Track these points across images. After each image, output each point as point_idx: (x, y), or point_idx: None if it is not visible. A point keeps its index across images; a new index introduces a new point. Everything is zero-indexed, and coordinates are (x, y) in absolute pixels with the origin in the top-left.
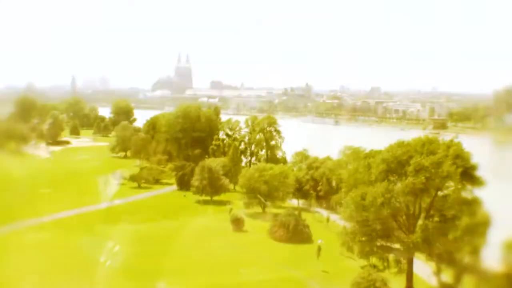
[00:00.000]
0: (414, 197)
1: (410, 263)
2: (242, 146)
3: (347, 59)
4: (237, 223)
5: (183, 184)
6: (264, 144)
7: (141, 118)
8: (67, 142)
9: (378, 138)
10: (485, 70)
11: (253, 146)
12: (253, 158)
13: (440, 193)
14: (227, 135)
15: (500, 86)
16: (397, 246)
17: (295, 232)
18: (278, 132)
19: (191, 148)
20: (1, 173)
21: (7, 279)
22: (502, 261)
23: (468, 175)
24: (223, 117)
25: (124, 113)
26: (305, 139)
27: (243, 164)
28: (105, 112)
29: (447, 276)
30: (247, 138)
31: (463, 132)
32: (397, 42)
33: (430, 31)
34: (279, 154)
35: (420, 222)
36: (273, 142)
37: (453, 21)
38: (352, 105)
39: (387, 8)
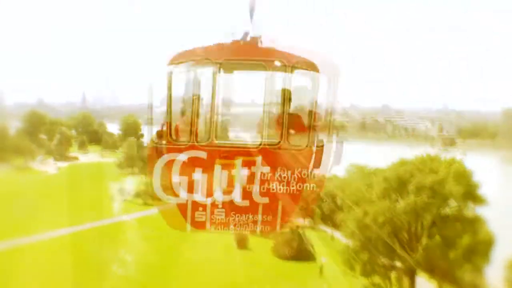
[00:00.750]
0: (416, 215)
1: (412, 281)
2: None
3: (357, 76)
4: (241, 240)
5: None
6: None
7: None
8: (75, 158)
9: (386, 156)
10: (495, 87)
11: None
12: None
13: (442, 212)
14: None
15: (509, 104)
16: (399, 264)
17: (299, 250)
18: None
19: None
20: (8, 188)
21: None
22: (505, 280)
23: (470, 193)
24: None
25: (132, 129)
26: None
27: None
28: (114, 128)
29: None
30: None
31: (472, 149)
32: (410, 59)
33: (442, 50)
34: None
35: (422, 240)
36: None
37: (464, 38)
38: (362, 122)
39: (397, 24)
